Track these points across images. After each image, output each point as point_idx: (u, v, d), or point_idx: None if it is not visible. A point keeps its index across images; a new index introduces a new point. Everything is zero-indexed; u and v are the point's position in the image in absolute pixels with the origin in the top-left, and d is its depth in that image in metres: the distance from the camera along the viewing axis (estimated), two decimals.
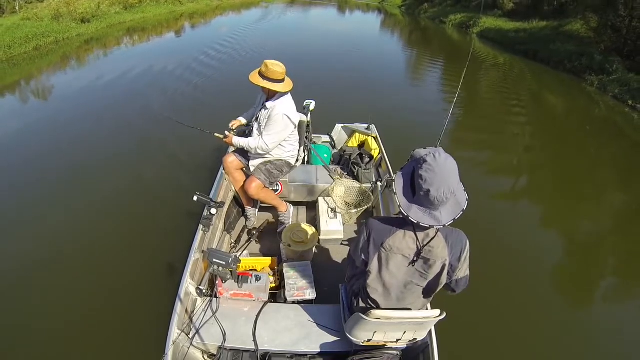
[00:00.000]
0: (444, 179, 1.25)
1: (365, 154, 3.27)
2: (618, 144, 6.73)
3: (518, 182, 5.07)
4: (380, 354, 1.68)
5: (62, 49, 9.10)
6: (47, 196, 3.86)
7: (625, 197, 5.06)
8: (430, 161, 1.26)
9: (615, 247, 3.93)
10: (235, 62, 9.37)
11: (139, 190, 3.94)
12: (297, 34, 12.94)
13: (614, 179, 5.43)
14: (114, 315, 2.55)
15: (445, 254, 1.45)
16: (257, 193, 2.61)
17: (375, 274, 1.54)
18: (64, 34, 9.26)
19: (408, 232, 1.45)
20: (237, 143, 2.60)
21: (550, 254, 3.53)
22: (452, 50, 14.49)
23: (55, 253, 3.11)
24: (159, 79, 7.93)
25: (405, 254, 1.47)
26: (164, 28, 11.71)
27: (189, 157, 4.50)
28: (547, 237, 3.90)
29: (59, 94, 7.26)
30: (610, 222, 4.40)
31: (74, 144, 4.96)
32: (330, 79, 8.44)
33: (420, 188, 1.28)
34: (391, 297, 1.57)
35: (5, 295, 2.74)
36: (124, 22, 10.98)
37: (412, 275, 1.51)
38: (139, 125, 5.56)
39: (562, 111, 8.41)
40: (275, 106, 2.49)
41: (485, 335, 2.60)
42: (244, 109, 2.88)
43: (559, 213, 4.39)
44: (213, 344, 1.79)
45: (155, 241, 3.19)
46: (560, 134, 6.80)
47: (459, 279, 1.53)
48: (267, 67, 2.38)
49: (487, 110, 7.50)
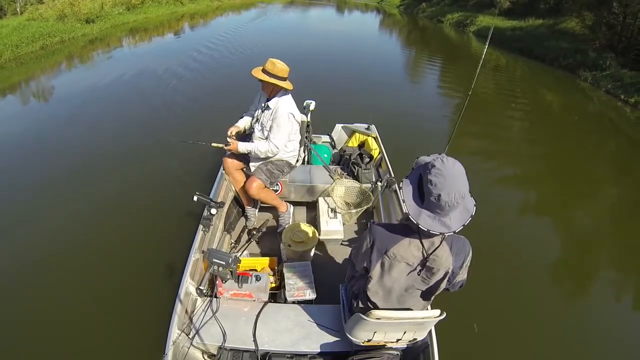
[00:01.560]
0: (453, 183, 1.23)
1: (365, 154, 3.27)
2: (614, 139, 6.90)
3: (514, 179, 5.09)
4: (380, 354, 1.68)
5: (68, 48, 9.23)
6: (47, 196, 3.85)
7: (622, 191, 5.12)
8: (439, 166, 1.24)
9: (613, 243, 3.94)
10: (235, 63, 9.35)
11: (139, 190, 3.94)
12: (295, 34, 12.94)
13: (609, 175, 5.52)
14: (114, 315, 2.55)
15: (449, 262, 1.43)
16: (257, 193, 2.60)
17: (376, 280, 1.53)
18: (70, 33, 9.47)
19: (413, 240, 1.42)
20: (244, 149, 2.54)
21: (550, 253, 3.53)
22: (451, 50, 14.59)
23: (55, 253, 3.11)
24: (158, 78, 7.92)
25: (409, 262, 1.45)
26: (166, 28, 11.86)
27: (188, 157, 4.49)
28: (547, 234, 3.90)
29: (61, 92, 7.26)
30: (607, 218, 4.41)
31: (74, 143, 4.95)
32: (329, 79, 8.44)
33: (430, 194, 1.25)
34: (391, 299, 1.56)
35: (6, 295, 2.74)
36: (127, 22, 11.17)
37: (414, 281, 1.51)
38: (139, 125, 5.56)
39: (558, 107, 8.53)
40: (279, 106, 2.48)
41: (485, 335, 2.59)
42: (243, 108, 2.87)
43: (557, 211, 4.40)
44: (213, 344, 1.79)
45: (155, 241, 3.19)
46: (557, 130, 6.90)
47: (456, 282, 1.54)
48: (274, 64, 2.38)
49: (486, 110, 7.55)
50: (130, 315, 2.56)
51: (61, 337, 2.45)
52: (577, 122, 7.31)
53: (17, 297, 2.73)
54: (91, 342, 2.40)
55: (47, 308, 2.63)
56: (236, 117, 2.83)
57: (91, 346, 2.38)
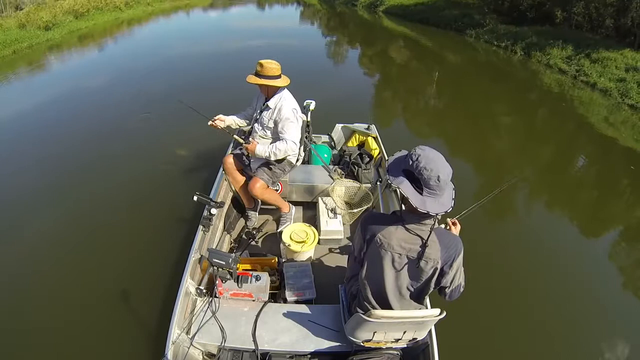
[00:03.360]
0: (440, 162, 1.34)
1: (365, 154, 3.27)
2: (498, 77, 9.59)
3: (435, 131, 6.27)
4: (380, 354, 1.68)
5: (36, 52, 10.19)
6: (47, 195, 3.87)
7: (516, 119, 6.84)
8: (420, 152, 1.35)
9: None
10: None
11: (138, 191, 3.93)
12: (217, 36, 13.35)
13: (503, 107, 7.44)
14: (114, 315, 2.55)
15: (437, 255, 1.45)
16: (261, 193, 2.60)
17: (365, 271, 1.58)
18: (35, 40, 10.63)
19: (400, 227, 1.47)
20: (262, 152, 2.50)
21: (550, 252, 3.50)
22: (366, 31, 16.78)
23: (55, 252, 3.12)
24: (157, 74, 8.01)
25: (397, 251, 1.48)
26: (114, 30, 13.63)
27: (188, 157, 4.50)
28: (541, 226, 3.94)
29: (52, 92, 7.23)
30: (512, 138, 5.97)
31: (74, 142, 4.96)
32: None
33: (429, 178, 1.33)
34: (387, 300, 1.57)
35: (6, 295, 2.75)
36: (81, 28, 12.82)
37: (404, 279, 1.52)
38: (139, 125, 5.56)
39: (458, 62, 11.10)
40: (281, 105, 2.50)
41: (485, 335, 2.59)
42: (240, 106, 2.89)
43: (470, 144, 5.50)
44: (213, 344, 1.79)
45: (155, 241, 3.19)
46: (458, 80, 8.85)
47: (453, 289, 1.54)
48: (263, 65, 2.40)
49: (405, 80, 9.35)
50: (130, 315, 2.56)
51: (61, 336, 2.45)
52: (472, 70, 10.04)
53: (17, 297, 2.74)
54: (91, 342, 2.40)
55: (47, 308, 2.64)
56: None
57: (91, 346, 2.38)
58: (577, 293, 3.05)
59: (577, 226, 4.08)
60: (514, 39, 11.35)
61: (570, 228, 4.04)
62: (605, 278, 3.34)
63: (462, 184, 1.79)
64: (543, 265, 3.27)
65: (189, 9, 19.64)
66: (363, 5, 20.94)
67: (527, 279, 3.11)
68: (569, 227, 4.04)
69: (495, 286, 2.93)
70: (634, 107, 7.16)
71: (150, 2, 18.01)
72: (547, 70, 9.62)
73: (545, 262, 3.32)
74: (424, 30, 14.54)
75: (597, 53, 9.11)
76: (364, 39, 14.61)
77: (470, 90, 8.09)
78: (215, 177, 2.89)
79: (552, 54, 9.84)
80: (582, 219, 4.16)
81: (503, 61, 10.86)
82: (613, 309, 2.97)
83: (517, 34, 11.55)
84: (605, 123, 6.84)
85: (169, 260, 2.85)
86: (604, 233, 4.09)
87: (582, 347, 2.65)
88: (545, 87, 8.74)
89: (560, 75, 9.17)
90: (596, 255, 3.65)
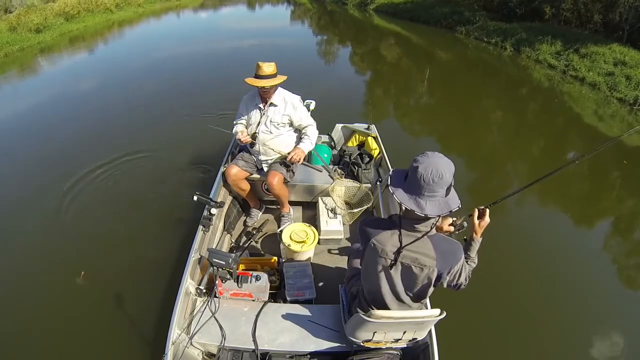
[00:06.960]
0: (433, 161, 1.29)
1: (365, 154, 3.24)
2: (488, 72, 9.87)
3: (428, 127, 6.41)
4: (380, 354, 1.69)
5: (27, 55, 10.17)
6: (47, 195, 3.82)
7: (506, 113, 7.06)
8: (427, 152, 1.32)
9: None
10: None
11: (138, 191, 3.90)
12: (208, 37, 13.17)
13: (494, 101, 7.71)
14: (114, 315, 2.55)
15: (432, 262, 1.41)
16: (280, 188, 2.66)
17: (364, 274, 1.58)
18: (26, 42, 10.60)
19: (395, 231, 1.44)
20: (308, 148, 2.70)
21: (549, 251, 3.52)
22: (357, 29, 16.66)
23: (55, 252, 3.10)
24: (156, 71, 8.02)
25: (390, 257, 1.45)
26: (105, 32, 13.56)
27: (188, 158, 4.46)
28: (542, 224, 3.95)
29: (51, 92, 7.16)
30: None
31: (68, 144, 4.89)
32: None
33: (411, 170, 1.31)
34: (385, 305, 1.58)
35: (6, 295, 2.73)
36: (72, 30, 12.74)
37: (399, 285, 1.51)
38: (139, 125, 5.49)
39: (448, 59, 11.20)
40: (288, 98, 2.59)
41: (485, 335, 2.60)
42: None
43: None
44: (213, 344, 1.79)
45: (155, 241, 3.17)
46: (449, 77, 9.10)
47: (455, 285, 1.51)
48: (261, 67, 2.43)
49: (396, 79, 9.25)
50: (130, 315, 2.55)
51: (61, 336, 2.44)
52: (463, 66, 10.28)
53: (17, 297, 2.73)
54: (91, 342, 2.40)
55: (47, 308, 2.62)
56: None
57: (91, 346, 2.38)
58: (578, 293, 3.04)
59: (575, 223, 4.09)
60: (503, 36, 11.49)
61: (569, 226, 4.04)
62: (605, 278, 3.35)
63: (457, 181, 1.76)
64: (543, 265, 3.27)
65: (179, 9, 19.52)
66: (353, 3, 20.98)
67: (527, 279, 3.12)
68: (569, 227, 4.04)
69: (495, 286, 2.91)
70: (622, 100, 7.29)
71: (141, 3, 17.91)
72: (536, 65, 9.71)
73: (545, 261, 3.31)
74: (415, 28, 14.69)
75: (586, 48, 9.22)
76: (355, 37, 14.60)
77: (461, 88, 8.21)
78: (216, 177, 2.87)
79: (542, 49, 9.90)
80: (580, 215, 4.19)
81: (493, 57, 10.99)
82: (613, 308, 2.98)
83: (507, 31, 11.68)
84: (595, 116, 6.98)
85: (169, 260, 2.85)
86: (598, 227, 4.12)
87: (582, 347, 2.66)
88: (535, 82, 8.85)
89: (550, 70, 9.29)
90: (595, 251, 3.66)
